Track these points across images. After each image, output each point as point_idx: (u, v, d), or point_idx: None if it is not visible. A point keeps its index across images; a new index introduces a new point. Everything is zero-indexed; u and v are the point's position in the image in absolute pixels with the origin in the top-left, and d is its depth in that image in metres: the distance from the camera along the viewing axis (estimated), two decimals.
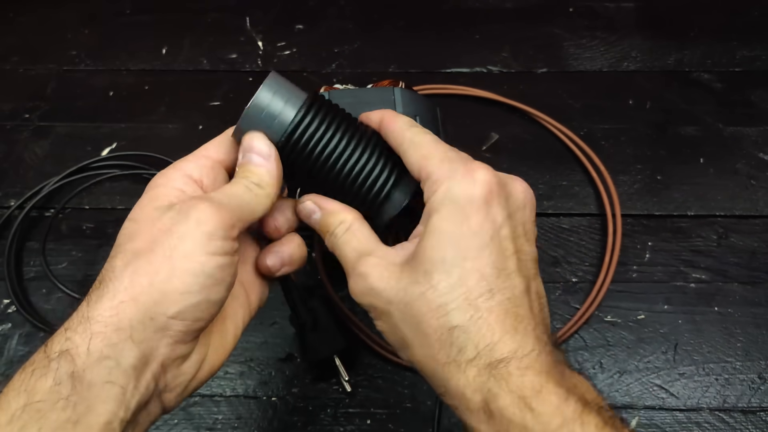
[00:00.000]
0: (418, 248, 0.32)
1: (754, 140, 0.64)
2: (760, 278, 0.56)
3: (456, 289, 0.30)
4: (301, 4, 0.77)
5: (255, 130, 0.34)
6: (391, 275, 0.32)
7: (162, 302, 0.30)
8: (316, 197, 0.36)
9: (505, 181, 0.34)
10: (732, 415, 0.51)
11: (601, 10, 0.75)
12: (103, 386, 0.29)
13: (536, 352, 0.30)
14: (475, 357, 0.29)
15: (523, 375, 0.29)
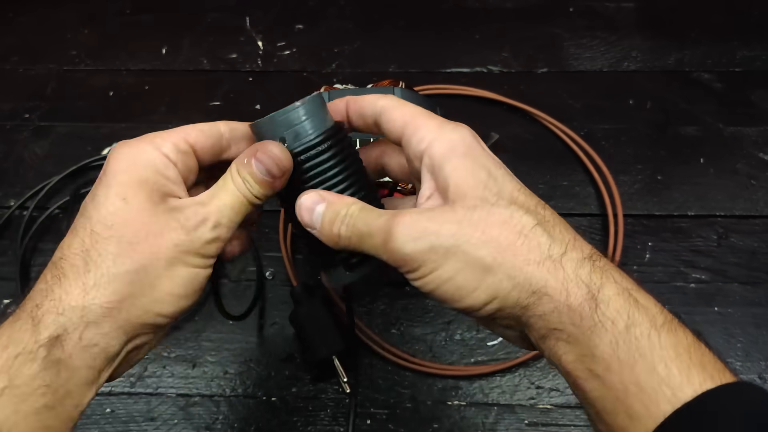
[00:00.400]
0: (452, 191, 0.31)
1: (754, 140, 0.64)
2: (761, 278, 0.56)
3: (514, 203, 0.31)
4: (301, 4, 0.77)
5: (271, 134, 0.34)
6: (440, 214, 0.31)
7: (160, 303, 0.32)
8: (318, 191, 0.35)
9: None
10: None
11: (602, 10, 0.75)
12: (86, 372, 0.30)
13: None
14: (565, 252, 0.30)
15: (619, 270, 0.30)
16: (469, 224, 0.30)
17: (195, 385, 0.53)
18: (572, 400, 0.51)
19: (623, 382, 0.27)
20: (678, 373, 0.27)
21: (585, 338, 0.28)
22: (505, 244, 0.30)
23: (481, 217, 0.30)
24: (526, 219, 0.30)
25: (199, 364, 0.54)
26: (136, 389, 0.53)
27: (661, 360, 0.27)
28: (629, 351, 0.27)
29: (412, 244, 0.30)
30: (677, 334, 0.28)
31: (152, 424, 0.51)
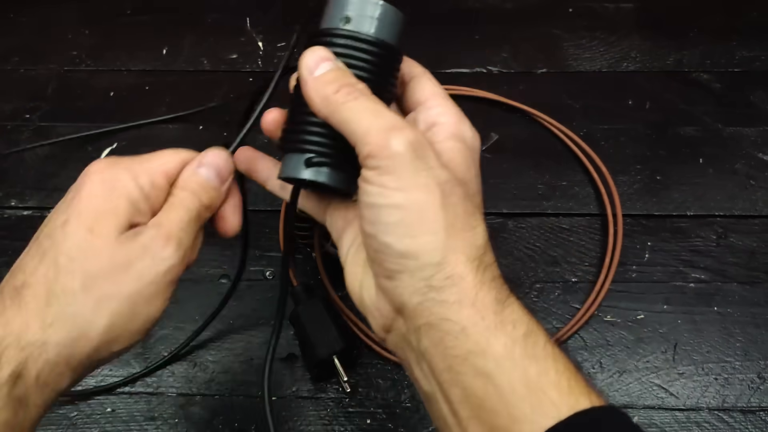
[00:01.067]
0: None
1: (753, 140, 0.64)
2: (759, 278, 0.57)
3: (480, 208, 0.32)
4: (301, 3, 0.77)
5: (339, 10, 0.33)
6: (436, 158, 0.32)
7: (116, 341, 0.31)
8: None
9: None
10: (731, 414, 0.51)
11: (601, 11, 0.75)
12: (38, 409, 0.30)
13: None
14: (491, 264, 0.31)
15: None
16: (452, 187, 0.30)
17: (195, 385, 0.53)
18: None
19: (512, 382, 0.27)
20: (566, 384, 0.28)
21: (479, 336, 0.28)
22: (459, 227, 0.30)
23: (457, 192, 0.31)
24: (482, 225, 0.31)
25: (200, 363, 0.54)
26: (137, 388, 0.53)
27: (553, 367, 0.28)
28: (524, 354, 0.28)
29: (407, 149, 0.29)
30: (566, 355, 0.29)
31: (153, 423, 0.51)
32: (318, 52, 0.32)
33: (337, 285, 0.56)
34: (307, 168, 0.33)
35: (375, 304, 0.32)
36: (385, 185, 0.29)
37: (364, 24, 0.33)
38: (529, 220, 0.60)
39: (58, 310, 0.30)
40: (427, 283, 0.29)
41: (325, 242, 0.56)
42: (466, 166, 0.33)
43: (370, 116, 0.30)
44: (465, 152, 0.33)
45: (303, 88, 0.32)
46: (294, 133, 0.33)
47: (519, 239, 0.59)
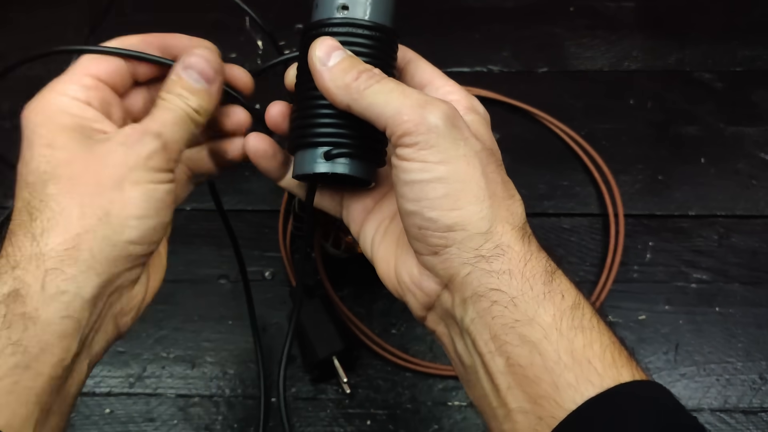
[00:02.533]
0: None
1: (755, 140, 0.64)
2: (762, 278, 0.56)
3: (505, 178, 0.32)
4: (300, 4, 0.77)
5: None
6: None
7: (123, 229, 0.29)
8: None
9: None
10: (733, 415, 0.50)
11: (602, 10, 0.74)
12: (60, 322, 0.28)
13: None
14: (533, 233, 0.31)
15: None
16: (487, 156, 0.31)
17: (194, 386, 0.53)
18: None
19: (558, 352, 0.27)
20: (610, 356, 0.28)
21: (528, 306, 0.28)
22: (500, 196, 0.30)
23: (492, 161, 0.31)
24: (517, 193, 0.32)
25: (198, 364, 0.53)
26: (135, 390, 0.52)
27: (598, 339, 0.28)
28: (571, 326, 0.28)
29: (444, 121, 0.29)
30: (612, 329, 0.30)
31: (151, 424, 0.51)
32: (327, 41, 0.31)
33: (337, 285, 0.56)
34: (327, 161, 0.32)
35: (417, 283, 0.32)
36: (426, 159, 0.29)
37: (359, 10, 0.32)
38: (530, 219, 0.59)
39: (44, 218, 0.29)
40: (477, 253, 0.29)
41: (325, 242, 0.55)
42: (489, 137, 0.33)
43: (399, 96, 0.30)
44: (484, 124, 0.34)
45: (319, 81, 0.31)
46: (304, 128, 0.32)
47: None
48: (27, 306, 0.28)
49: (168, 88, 0.32)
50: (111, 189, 0.29)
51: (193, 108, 0.32)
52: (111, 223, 0.29)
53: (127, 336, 0.54)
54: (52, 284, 0.28)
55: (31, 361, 0.27)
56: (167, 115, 0.31)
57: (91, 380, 0.53)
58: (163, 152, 0.31)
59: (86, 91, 0.32)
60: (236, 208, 0.61)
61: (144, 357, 0.54)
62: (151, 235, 0.31)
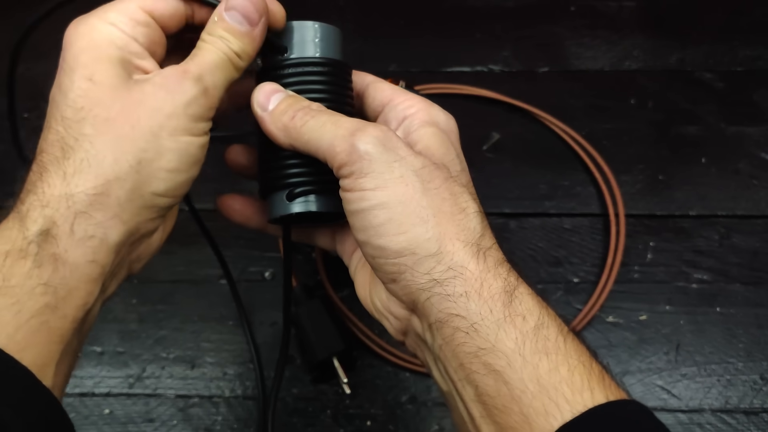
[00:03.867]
0: (419, 150, 0.32)
1: (756, 140, 0.64)
2: (763, 279, 0.56)
3: (468, 187, 0.32)
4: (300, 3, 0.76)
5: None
6: (408, 147, 0.32)
7: (152, 180, 0.29)
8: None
9: None
10: (734, 416, 0.50)
11: (603, 9, 0.74)
12: (87, 266, 0.28)
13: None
14: (490, 247, 0.30)
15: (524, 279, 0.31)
16: (430, 171, 0.30)
17: (194, 386, 0.52)
18: None
19: (523, 380, 0.26)
20: (579, 378, 0.26)
21: (489, 331, 0.27)
22: (447, 212, 0.29)
23: (441, 177, 0.30)
24: (473, 205, 0.30)
25: (198, 365, 0.53)
26: (135, 390, 0.52)
27: (564, 362, 0.27)
28: (535, 350, 0.27)
29: (374, 146, 0.29)
30: (581, 345, 0.28)
31: (151, 425, 0.51)
32: (265, 87, 0.32)
33: (337, 286, 0.56)
34: (292, 202, 0.32)
35: (387, 309, 0.32)
36: (363, 187, 0.29)
37: (307, 48, 0.33)
38: (530, 220, 0.60)
39: (76, 158, 0.28)
40: (431, 277, 0.28)
41: None
42: (444, 148, 0.32)
43: (332, 127, 0.30)
44: (440, 135, 0.33)
45: (262, 126, 0.32)
46: (268, 173, 0.33)
47: (521, 239, 0.59)
48: (58, 247, 0.27)
49: (210, 29, 0.31)
50: (147, 136, 0.29)
51: (235, 51, 0.31)
52: (141, 172, 0.29)
53: (127, 336, 0.55)
54: (80, 228, 0.28)
55: (59, 302, 0.27)
56: (208, 58, 0.31)
57: (90, 380, 0.53)
58: (204, 98, 0.30)
59: (135, 27, 0.31)
60: None
61: (144, 357, 0.54)
62: (179, 188, 0.31)
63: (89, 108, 0.29)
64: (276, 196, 0.33)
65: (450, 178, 0.30)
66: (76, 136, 0.29)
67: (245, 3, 0.31)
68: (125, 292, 0.57)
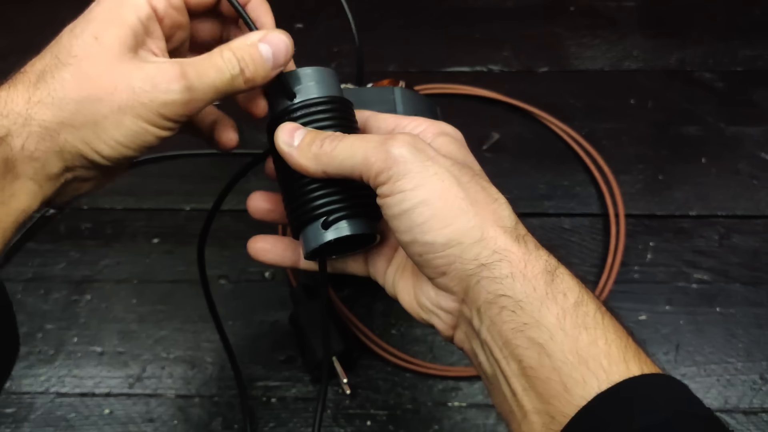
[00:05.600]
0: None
1: (756, 140, 0.64)
2: (763, 279, 0.56)
3: (488, 182, 0.33)
4: (300, 3, 0.77)
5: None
6: (438, 151, 0.33)
7: (100, 143, 0.31)
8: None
9: None
10: (734, 416, 0.50)
11: (603, 9, 0.74)
12: (26, 182, 0.31)
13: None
14: (526, 234, 0.31)
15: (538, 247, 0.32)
16: (460, 168, 0.31)
17: (194, 386, 0.52)
18: None
19: (564, 352, 0.28)
20: (617, 351, 0.28)
21: (533, 308, 0.29)
22: (483, 202, 0.31)
23: (466, 172, 0.32)
24: (500, 196, 0.32)
25: (198, 365, 0.53)
26: (135, 390, 0.52)
27: (603, 336, 0.28)
28: (575, 324, 0.28)
29: (407, 149, 0.31)
30: (618, 322, 0.30)
31: (151, 425, 0.51)
32: (286, 126, 0.33)
33: (337, 285, 0.56)
34: (327, 230, 0.33)
35: (437, 305, 0.33)
36: (403, 189, 0.30)
37: (310, 91, 0.34)
38: (530, 220, 0.60)
39: (45, 92, 0.30)
40: (479, 262, 0.30)
41: None
42: (462, 153, 0.34)
43: (362, 143, 0.32)
44: (455, 142, 0.34)
45: (291, 161, 0.33)
46: (298, 209, 0.34)
47: None
48: (10, 154, 0.30)
49: (239, 46, 0.32)
50: (114, 108, 0.30)
51: (247, 77, 0.32)
52: (95, 132, 0.31)
53: (127, 336, 0.55)
54: (29, 147, 0.30)
55: (4, 199, 0.30)
56: (213, 72, 0.32)
57: (90, 380, 0.53)
58: (183, 107, 0.31)
59: (167, 8, 0.33)
60: (236, 208, 0.61)
61: (144, 357, 0.54)
62: (120, 160, 0.32)
63: (80, 59, 0.31)
64: (310, 229, 0.34)
65: (477, 174, 0.32)
66: (55, 74, 0.31)
67: (281, 44, 0.33)
68: (125, 293, 0.57)
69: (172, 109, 0.31)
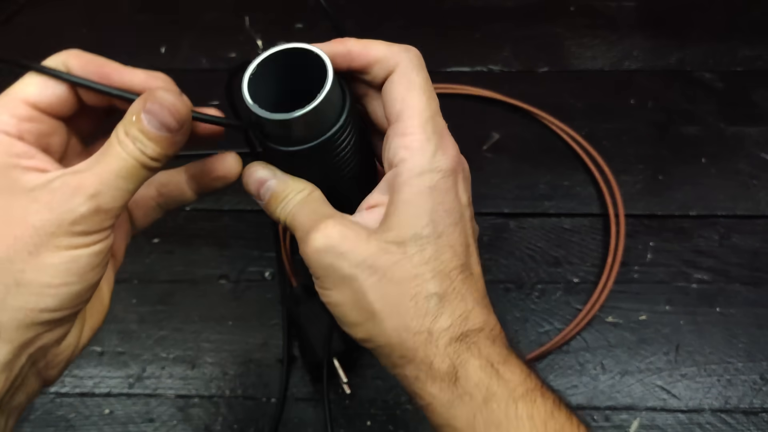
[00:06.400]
0: (388, 219, 0.30)
1: (755, 140, 0.64)
2: (763, 279, 0.56)
3: (431, 261, 0.30)
4: (300, 3, 0.77)
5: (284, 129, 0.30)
6: (358, 237, 0.30)
7: (36, 298, 0.26)
8: (269, 165, 0.32)
9: (461, 156, 0.33)
10: (734, 416, 0.50)
11: (603, 9, 0.74)
12: None
13: (499, 327, 0.31)
14: (449, 326, 0.29)
15: (492, 345, 0.30)
16: (372, 265, 0.29)
17: (194, 386, 0.52)
18: (573, 401, 0.51)
19: None
20: None
21: (442, 410, 0.29)
22: (396, 302, 0.29)
23: (388, 264, 0.29)
24: (430, 286, 0.29)
25: (198, 365, 0.53)
26: (135, 390, 0.52)
27: (515, 429, 0.28)
28: (486, 423, 0.28)
29: (317, 255, 0.30)
30: (535, 405, 0.29)
31: (151, 425, 0.51)
32: (257, 175, 0.32)
33: None
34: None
35: None
36: (319, 286, 0.31)
37: (297, 139, 0.30)
38: (530, 220, 0.60)
39: None
40: (390, 361, 0.30)
41: None
42: (420, 217, 0.30)
43: (296, 230, 0.31)
44: (423, 196, 0.30)
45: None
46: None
47: (520, 239, 0.59)
48: None
49: (125, 127, 0.27)
50: (25, 254, 0.26)
51: (150, 156, 0.27)
52: (22, 293, 0.26)
53: (127, 336, 0.55)
54: None
55: None
56: (112, 165, 0.27)
57: (90, 381, 0.53)
58: (96, 215, 0.27)
59: (20, 124, 0.28)
60: (236, 208, 0.61)
61: (143, 357, 0.54)
62: (73, 300, 0.27)
63: None
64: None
65: (401, 263, 0.29)
66: None
67: (162, 111, 0.27)
68: (125, 293, 0.57)
69: (86, 225, 0.27)
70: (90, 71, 0.30)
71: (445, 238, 0.30)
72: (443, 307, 0.30)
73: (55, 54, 0.31)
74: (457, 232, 0.31)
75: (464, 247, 0.31)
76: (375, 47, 0.31)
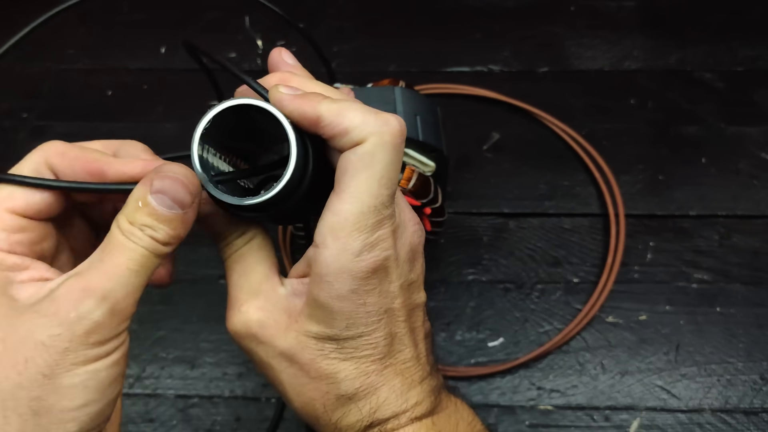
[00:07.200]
0: (309, 310, 0.29)
1: (756, 140, 0.64)
2: (763, 279, 0.56)
3: (349, 359, 0.29)
4: (300, 3, 0.76)
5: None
6: (277, 328, 0.29)
7: (58, 425, 0.24)
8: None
9: (401, 232, 0.29)
10: (734, 416, 0.50)
11: (603, 9, 0.74)
12: None
13: (418, 402, 0.30)
14: (357, 421, 0.30)
15: (410, 425, 0.30)
16: (290, 358, 0.29)
17: (194, 387, 0.52)
18: (573, 401, 0.51)
19: None
20: None
21: None
22: (309, 397, 0.30)
23: (305, 360, 0.29)
24: (342, 386, 0.29)
25: (198, 365, 0.53)
26: (134, 390, 0.52)
27: None
28: None
29: (237, 338, 0.30)
30: None
31: (150, 425, 0.51)
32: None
33: None
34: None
35: None
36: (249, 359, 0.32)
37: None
38: (530, 220, 0.60)
39: None
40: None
41: None
42: (344, 316, 0.28)
43: (234, 281, 0.31)
44: (345, 302, 0.28)
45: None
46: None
47: (520, 239, 0.59)
48: None
49: (130, 216, 0.25)
50: (39, 378, 0.23)
51: (162, 241, 0.25)
52: (41, 424, 0.24)
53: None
54: None
55: None
56: (119, 259, 0.25)
57: None
58: (111, 319, 0.24)
59: (7, 236, 0.26)
60: None
61: (143, 357, 0.54)
62: (95, 421, 0.25)
63: None
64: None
65: (320, 356, 0.29)
66: None
67: (176, 185, 0.25)
68: None
69: (102, 333, 0.24)
70: (78, 170, 0.27)
71: (366, 337, 0.29)
72: (354, 407, 0.29)
73: (35, 151, 0.28)
74: (380, 328, 0.29)
75: (389, 338, 0.29)
76: (349, 115, 0.26)
